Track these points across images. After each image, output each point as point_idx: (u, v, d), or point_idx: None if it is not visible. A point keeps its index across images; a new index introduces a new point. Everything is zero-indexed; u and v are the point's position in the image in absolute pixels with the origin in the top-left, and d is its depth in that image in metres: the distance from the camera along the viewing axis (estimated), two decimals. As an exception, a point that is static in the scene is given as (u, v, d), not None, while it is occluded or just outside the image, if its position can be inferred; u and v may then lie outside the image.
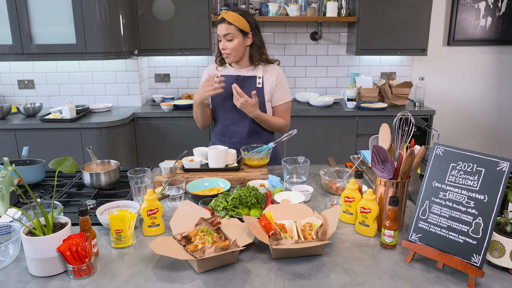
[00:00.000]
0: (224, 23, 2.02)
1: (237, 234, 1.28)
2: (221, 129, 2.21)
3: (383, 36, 3.55)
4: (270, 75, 2.15)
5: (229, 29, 2.02)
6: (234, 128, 2.18)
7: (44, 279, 1.15)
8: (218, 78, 2.08)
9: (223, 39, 2.05)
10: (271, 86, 2.15)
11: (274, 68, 2.18)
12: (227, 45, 2.05)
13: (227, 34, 2.03)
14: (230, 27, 2.02)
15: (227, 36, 2.03)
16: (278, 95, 2.18)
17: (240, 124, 2.17)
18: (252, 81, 2.13)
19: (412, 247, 1.23)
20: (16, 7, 3.06)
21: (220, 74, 2.17)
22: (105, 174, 1.76)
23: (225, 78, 2.11)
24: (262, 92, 2.14)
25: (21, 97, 3.66)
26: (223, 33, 2.03)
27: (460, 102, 4.16)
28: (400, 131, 1.40)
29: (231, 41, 2.04)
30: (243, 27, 2.04)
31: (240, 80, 2.13)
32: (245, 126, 2.16)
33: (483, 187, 1.14)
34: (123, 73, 3.62)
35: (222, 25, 2.03)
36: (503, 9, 3.91)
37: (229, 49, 2.05)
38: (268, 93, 2.15)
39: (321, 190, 1.79)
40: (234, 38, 2.04)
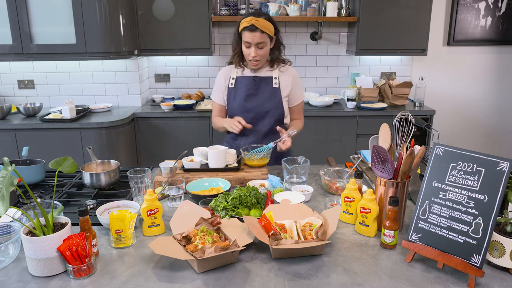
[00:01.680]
0: (257, 31, 2.00)
1: (237, 234, 1.28)
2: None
3: (383, 36, 3.55)
4: (287, 76, 2.18)
5: (262, 38, 2.02)
6: (253, 129, 2.17)
7: (44, 279, 1.15)
8: (248, 125, 2.08)
9: (255, 47, 2.03)
10: (288, 86, 2.17)
11: (289, 69, 2.21)
12: (259, 52, 2.05)
13: (261, 42, 2.02)
14: (263, 36, 2.02)
15: (259, 45, 2.03)
16: (294, 95, 2.23)
17: (259, 124, 2.17)
18: (268, 82, 2.15)
19: (412, 247, 1.23)
20: (16, 7, 3.06)
21: (236, 75, 2.17)
22: (105, 174, 1.76)
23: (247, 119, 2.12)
24: (279, 92, 2.16)
25: (21, 97, 3.66)
26: (256, 41, 2.02)
27: (460, 102, 4.16)
28: (400, 131, 1.40)
29: (263, 49, 2.05)
30: (271, 33, 2.06)
31: (257, 81, 2.15)
32: (264, 126, 2.17)
33: (483, 187, 1.14)
34: (123, 73, 3.62)
35: (256, 34, 2.00)
36: (503, 9, 3.91)
37: (259, 56, 2.06)
38: (284, 93, 2.17)
39: (321, 190, 1.79)
40: (265, 46, 2.06)
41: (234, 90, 2.17)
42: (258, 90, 2.15)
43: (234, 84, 2.17)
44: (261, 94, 2.15)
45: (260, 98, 2.15)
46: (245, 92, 2.14)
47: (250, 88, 2.15)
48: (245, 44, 2.06)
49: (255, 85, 2.14)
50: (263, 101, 2.15)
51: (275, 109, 2.16)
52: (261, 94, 2.15)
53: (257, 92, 2.15)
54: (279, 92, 2.15)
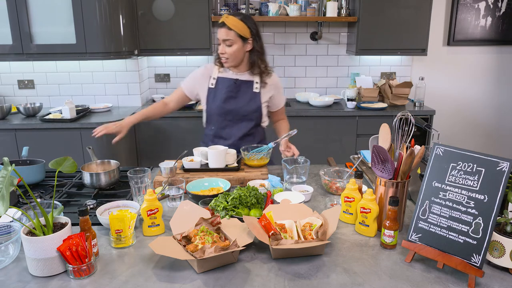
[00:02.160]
0: (224, 28, 2.00)
1: (237, 234, 1.28)
2: (215, 131, 2.20)
3: (383, 36, 3.55)
4: (269, 82, 2.17)
5: (229, 35, 2.00)
6: (230, 131, 2.18)
7: (44, 279, 1.15)
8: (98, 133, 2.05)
9: (222, 43, 2.04)
10: (269, 92, 2.17)
11: (272, 75, 2.20)
12: (226, 49, 2.04)
13: (227, 39, 2.01)
14: (230, 33, 2.00)
15: (226, 42, 2.02)
16: (276, 101, 2.23)
17: (235, 127, 2.17)
18: (249, 85, 2.14)
19: (412, 247, 1.23)
20: (16, 7, 3.06)
21: (217, 75, 2.16)
22: (105, 174, 1.76)
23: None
24: (259, 97, 2.15)
25: (21, 97, 3.66)
26: (222, 38, 2.02)
27: (460, 102, 4.16)
28: (400, 131, 1.40)
29: (230, 47, 2.03)
30: (243, 33, 2.02)
31: (238, 84, 2.13)
32: (241, 129, 2.17)
33: (483, 187, 1.14)
34: (123, 73, 3.62)
35: (222, 30, 2.01)
36: (503, 9, 3.91)
37: (227, 54, 2.04)
38: (264, 98, 2.16)
39: (321, 190, 1.79)
40: (233, 44, 2.03)
41: (214, 90, 2.15)
42: (238, 93, 2.13)
43: (215, 84, 2.15)
44: (240, 97, 2.13)
45: (239, 101, 2.13)
46: (225, 94, 2.12)
47: (231, 90, 2.12)
48: (218, 41, 2.07)
49: (236, 88, 2.13)
50: (242, 104, 2.13)
51: (253, 113, 2.15)
52: (241, 97, 2.13)
53: (237, 94, 2.13)
54: (259, 97, 2.15)
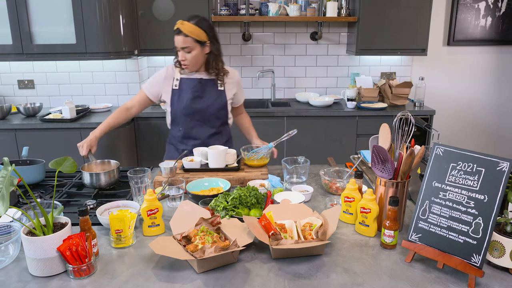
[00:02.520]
0: (181, 35, 1.99)
1: (237, 234, 1.28)
2: (183, 132, 2.20)
3: (383, 36, 3.55)
4: (231, 79, 2.20)
5: (186, 42, 2.00)
6: (198, 130, 2.19)
7: (44, 279, 1.15)
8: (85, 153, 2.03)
9: (181, 51, 2.03)
10: (233, 89, 2.20)
11: (233, 72, 2.23)
12: (186, 56, 2.04)
13: (185, 47, 2.01)
14: (187, 40, 2.00)
15: (185, 49, 2.02)
16: (239, 96, 2.27)
17: (204, 126, 2.18)
18: (213, 84, 2.16)
19: (412, 247, 1.23)
20: (16, 7, 3.06)
21: (180, 77, 2.15)
22: (105, 174, 1.76)
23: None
24: (224, 95, 2.17)
25: (21, 97, 3.66)
26: (180, 45, 2.01)
27: (460, 102, 4.16)
28: (400, 131, 1.40)
29: (190, 53, 2.03)
30: (200, 37, 2.02)
31: (203, 84, 2.15)
32: (210, 128, 2.19)
33: (483, 187, 1.14)
34: (123, 73, 3.62)
35: (179, 38, 2.00)
36: (503, 9, 3.91)
37: (187, 61, 2.05)
38: (229, 95, 2.19)
39: (321, 190, 1.79)
40: (192, 50, 2.03)
41: (179, 91, 2.14)
42: (204, 93, 2.14)
43: (178, 85, 2.14)
44: (206, 97, 2.15)
45: (205, 100, 2.14)
46: (191, 94, 2.12)
47: (196, 90, 2.13)
48: (175, 48, 2.06)
49: (201, 87, 2.14)
50: (208, 103, 2.14)
51: (220, 112, 2.17)
52: (207, 96, 2.15)
53: (202, 94, 2.14)
54: (224, 94, 2.17)
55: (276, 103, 3.81)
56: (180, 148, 2.23)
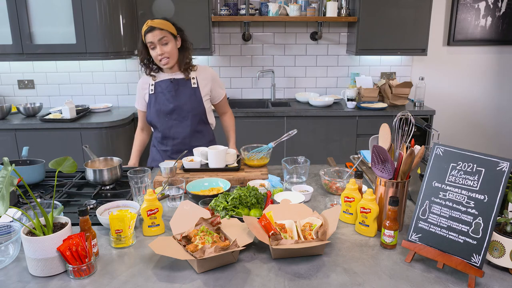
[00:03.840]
0: (155, 30, 2.03)
1: (237, 234, 1.28)
2: (162, 133, 2.22)
3: (383, 36, 3.55)
4: (204, 75, 2.21)
5: (162, 33, 2.04)
6: (177, 130, 2.19)
7: (44, 279, 1.15)
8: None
9: (158, 44, 2.04)
10: (207, 85, 2.21)
11: (206, 68, 2.25)
12: (164, 49, 2.06)
13: (162, 37, 2.03)
14: (163, 32, 2.04)
15: (162, 40, 2.04)
16: (216, 93, 2.27)
17: (182, 125, 2.19)
18: (186, 82, 2.17)
19: (412, 247, 1.23)
20: (16, 7, 3.06)
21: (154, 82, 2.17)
22: (108, 171, 1.77)
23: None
24: (199, 92, 2.18)
25: (21, 97, 3.66)
26: (158, 38, 2.03)
27: (460, 102, 4.16)
28: (400, 131, 1.40)
29: (167, 45, 2.06)
30: (172, 30, 2.08)
31: (175, 83, 2.16)
32: (187, 126, 2.19)
33: (483, 187, 1.14)
34: (123, 73, 3.62)
35: (155, 32, 2.03)
36: (503, 9, 3.91)
37: (167, 53, 2.07)
38: (204, 91, 2.20)
39: (321, 190, 1.79)
40: (169, 42, 2.06)
41: (155, 95, 2.18)
42: (178, 91, 2.16)
43: (154, 89, 2.18)
44: (181, 95, 2.16)
45: (181, 98, 2.16)
46: (165, 94, 2.15)
47: (170, 90, 2.15)
48: (150, 46, 2.07)
49: (174, 87, 2.16)
50: (183, 101, 2.16)
51: (196, 108, 2.18)
52: (181, 95, 2.16)
53: (176, 93, 2.16)
54: (198, 91, 2.18)
55: (276, 103, 3.81)
56: (160, 149, 2.26)
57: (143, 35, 2.07)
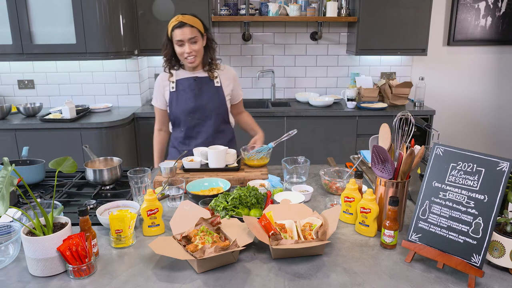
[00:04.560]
0: (186, 26, 2.00)
1: (237, 234, 1.28)
2: (184, 132, 2.20)
3: (383, 36, 3.55)
4: (227, 74, 2.20)
5: (193, 32, 2.02)
6: (200, 129, 2.18)
7: (44, 279, 1.15)
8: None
9: (188, 42, 2.02)
10: (230, 85, 2.20)
11: (228, 68, 2.23)
12: (193, 47, 2.04)
13: (192, 37, 2.02)
14: (194, 30, 2.02)
15: (192, 39, 2.02)
16: (235, 93, 2.25)
17: (205, 124, 2.18)
18: (209, 81, 2.16)
19: (412, 247, 1.23)
20: (16, 7, 3.06)
21: (175, 79, 2.16)
22: (108, 171, 1.77)
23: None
24: (222, 91, 2.17)
25: (21, 97, 3.66)
26: (188, 36, 2.01)
27: (460, 102, 4.16)
28: (400, 131, 1.40)
29: (196, 43, 2.04)
30: (201, 28, 2.06)
31: (198, 81, 2.14)
32: (210, 126, 2.18)
33: (483, 187, 1.14)
34: (123, 73, 3.62)
35: (185, 29, 2.00)
36: (503, 9, 3.91)
37: (195, 52, 2.05)
38: (226, 91, 2.19)
39: (321, 190, 1.79)
40: (198, 41, 2.05)
41: (176, 93, 2.15)
42: (201, 90, 2.14)
43: (175, 87, 2.15)
44: (204, 94, 2.14)
45: (204, 97, 2.14)
46: (189, 93, 2.13)
47: (193, 89, 2.13)
48: (178, 43, 2.04)
49: (197, 85, 2.14)
50: (207, 100, 2.14)
51: (219, 107, 2.17)
52: (205, 94, 2.14)
53: (200, 92, 2.14)
54: (221, 90, 2.17)
55: (276, 103, 3.81)
56: (182, 150, 2.22)
57: (171, 29, 2.03)
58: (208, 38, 2.13)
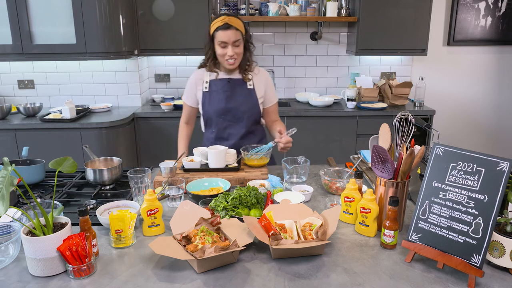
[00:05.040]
0: (231, 29, 1.98)
1: (237, 234, 1.28)
2: (216, 133, 2.20)
3: (383, 36, 3.55)
4: (260, 77, 2.18)
5: (237, 35, 2.01)
6: (231, 131, 2.17)
7: (44, 279, 1.15)
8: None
9: (231, 45, 2.01)
10: (262, 88, 2.17)
11: (261, 71, 2.22)
12: (236, 50, 2.02)
13: (236, 40, 2.00)
14: (237, 33, 2.01)
15: (236, 42, 2.01)
16: (268, 96, 2.22)
17: (237, 126, 2.17)
18: (243, 83, 2.15)
19: (412, 247, 1.23)
20: (16, 7, 3.06)
21: (209, 79, 2.15)
22: (108, 171, 1.77)
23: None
24: (255, 93, 2.15)
25: (21, 97, 3.66)
26: (232, 39, 1.99)
27: (460, 102, 4.16)
28: (400, 131, 1.40)
29: (238, 47, 2.03)
30: (243, 31, 2.05)
31: (232, 83, 2.13)
32: (242, 128, 2.17)
33: (483, 187, 1.14)
34: (123, 73, 3.62)
35: (230, 32, 1.98)
36: (503, 9, 3.91)
37: (236, 55, 2.04)
38: (259, 93, 2.17)
39: (321, 190, 1.79)
40: (240, 44, 2.04)
41: (209, 93, 2.14)
42: (234, 92, 2.13)
43: (208, 87, 2.15)
44: (237, 96, 2.13)
45: (236, 99, 2.13)
46: (222, 94, 2.12)
47: (226, 90, 2.12)
48: (220, 44, 2.02)
49: (230, 87, 2.13)
50: (239, 102, 2.13)
51: (251, 110, 2.15)
52: (237, 96, 2.13)
53: (232, 94, 2.13)
54: (254, 93, 2.15)
55: (276, 103, 3.81)
56: None
57: (214, 29, 2.01)
58: (246, 40, 2.11)
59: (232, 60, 2.05)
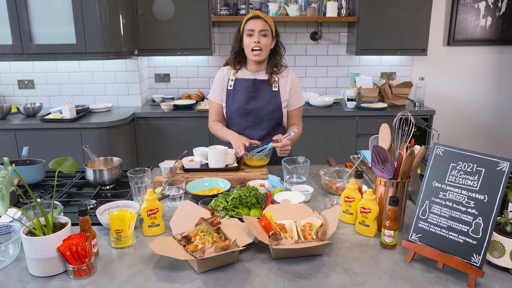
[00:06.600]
0: (261, 19, 2.04)
1: (237, 234, 1.28)
2: (236, 132, 2.17)
3: (383, 36, 3.55)
4: (287, 80, 2.16)
5: (265, 26, 2.04)
6: (251, 132, 2.16)
7: (44, 279, 1.15)
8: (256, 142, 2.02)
9: (258, 34, 2.02)
10: (287, 89, 2.16)
11: (290, 73, 2.20)
12: (261, 39, 2.04)
13: (264, 29, 2.03)
14: (266, 25, 2.05)
15: (262, 32, 2.03)
16: (293, 99, 2.20)
17: (257, 127, 2.16)
18: (268, 84, 2.14)
19: (412, 247, 1.23)
20: (16, 7, 3.06)
21: (235, 77, 2.15)
22: (108, 171, 1.77)
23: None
24: (279, 95, 2.14)
25: (21, 97, 3.66)
26: (260, 28, 2.02)
27: (460, 102, 4.16)
28: (400, 131, 1.40)
29: (266, 37, 2.05)
30: (273, 29, 2.09)
31: (257, 84, 2.13)
32: (262, 130, 2.16)
33: (483, 187, 1.14)
34: (123, 73, 3.62)
35: (258, 21, 2.03)
36: (503, 9, 3.91)
37: (262, 44, 2.04)
38: (284, 96, 2.15)
39: (321, 190, 1.79)
40: (268, 36, 2.06)
41: (233, 92, 2.15)
42: (258, 93, 2.12)
43: (233, 86, 2.15)
44: (260, 97, 2.13)
45: (259, 101, 2.12)
46: (245, 94, 2.12)
47: (250, 91, 2.12)
48: (248, 32, 2.04)
49: (255, 88, 2.12)
50: (262, 104, 2.12)
51: (274, 112, 2.14)
52: (261, 97, 2.13)
53: (256, 94, 2.12)
54: (278, 95, 2.14)
55: (276, 103, 3.80)
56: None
57: (244, 21, 2.06)
58: (277, 42, 2.15)
59: (257, 50, 2.05)
